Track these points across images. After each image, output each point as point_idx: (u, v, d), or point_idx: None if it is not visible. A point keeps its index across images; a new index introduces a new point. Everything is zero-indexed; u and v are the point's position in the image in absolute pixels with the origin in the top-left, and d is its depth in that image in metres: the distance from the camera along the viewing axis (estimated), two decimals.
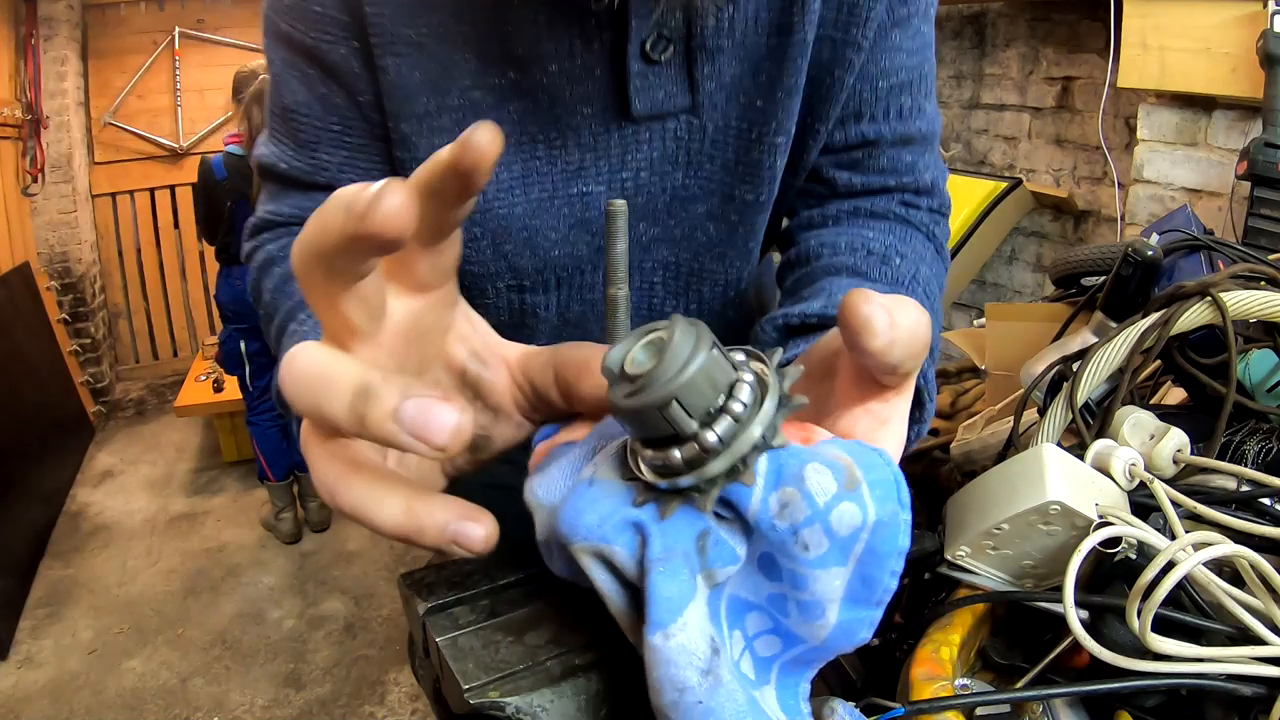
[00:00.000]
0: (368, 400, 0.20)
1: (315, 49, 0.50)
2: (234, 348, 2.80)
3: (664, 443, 0.21)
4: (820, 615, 0.23)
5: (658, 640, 0.22)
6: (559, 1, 0.46)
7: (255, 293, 0.55)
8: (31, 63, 3.42)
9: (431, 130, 0.51)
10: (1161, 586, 0.42)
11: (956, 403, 1.36)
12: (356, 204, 0.19)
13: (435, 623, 0.30)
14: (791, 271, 0.55)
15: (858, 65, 0.53)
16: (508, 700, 0.26)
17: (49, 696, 2.10)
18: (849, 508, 0.22)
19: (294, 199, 0.54)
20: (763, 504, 0.22)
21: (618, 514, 0.23)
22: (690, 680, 0.22)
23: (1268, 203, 1.29)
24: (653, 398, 0.20)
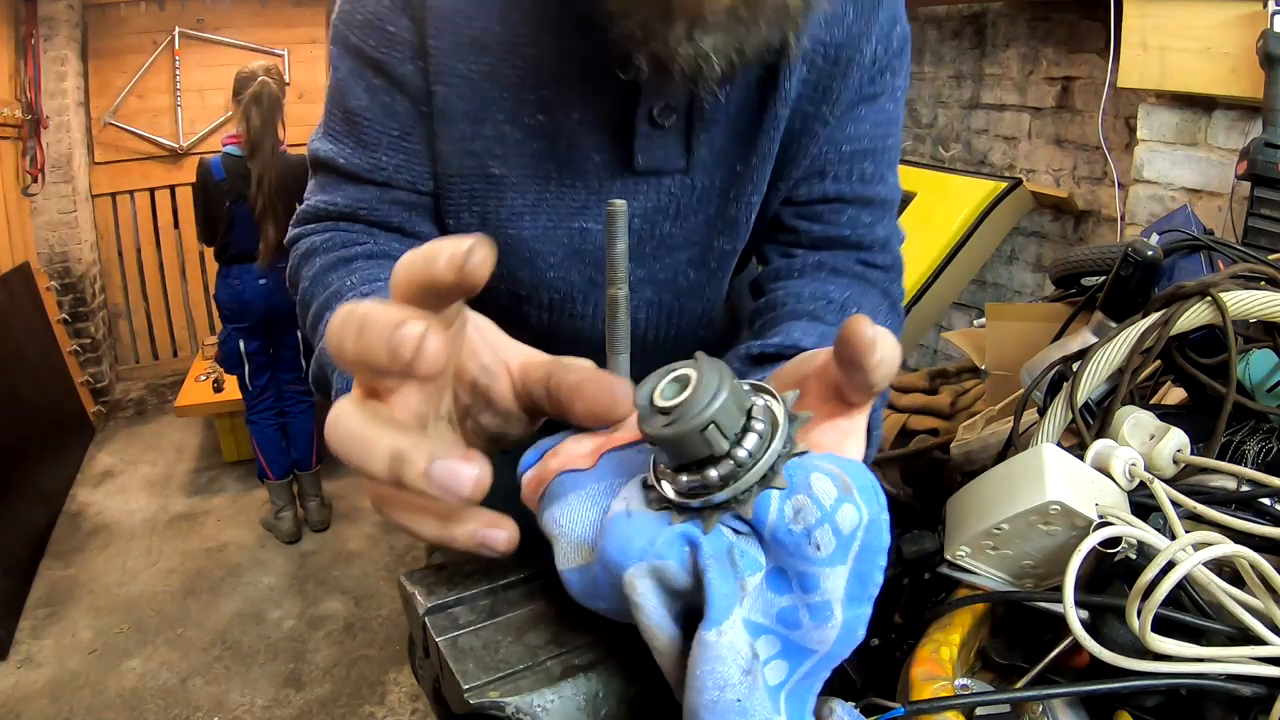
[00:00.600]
0: (402, 464, 0.25)
1: (385, 63, 0.56)
2: (233, 347, 2.80)
3: (699, 465, 0.24)
4: (830, 616, 0.25)
5: (711, 636, 0.24)
6: (591, 64, 0.53)
7: (293, 279, 0.61)
8: (31, 63, 3.42)
9: (465, 153, 0.59)
10: (1161, 586, 0.42)
11: (956, 403, 1.36)
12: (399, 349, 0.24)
13: (435, 623, 0.30)
14: (759, 317, 0.63)
15: (823, 136, 0.62)
16: (508, 700, 0.26)
17: (49, 696, 2.10)
18: (849, 509, 0.25)
19: (348, 190, 0.60)
20: (780, 512, 0.25)
21: (665, 533, 0.25)
22: (733, 678, 0.24)
23: (1268, 203, 1.29)
24: (693, 423, 0.23)
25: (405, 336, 0.24)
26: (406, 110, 0.58)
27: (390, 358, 0.24)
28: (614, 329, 0.34)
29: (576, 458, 0.30)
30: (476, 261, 0.25)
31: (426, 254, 0.26)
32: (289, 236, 0.64)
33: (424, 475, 0.24)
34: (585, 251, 0.63)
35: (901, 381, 1.49)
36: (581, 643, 0.29)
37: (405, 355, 0.24)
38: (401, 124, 0.58)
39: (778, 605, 0.26)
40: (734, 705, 0.24)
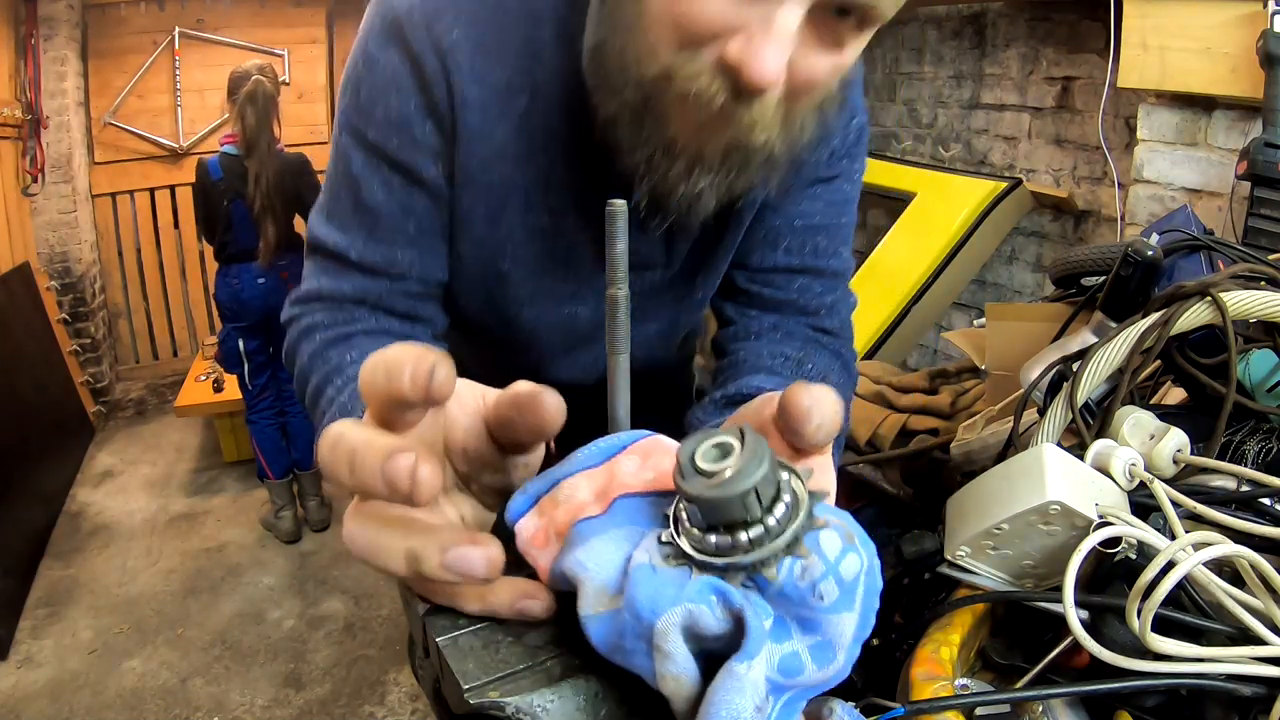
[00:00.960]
0: (419, 562, 0.27)
1: (408, 165, 0.59)
2: (232, 346, 2.80)
3: (730, 527, 0.26)
4: (832, 659, 0.27)
5: (742, 669, 0.25)
6: (593, 175, 0.59)
7: (290, 355, 0.64)
8: (31, 63, 3.42)
9: (479, 250, 0.64)
10: (1161, 586, 0.42)
11: (956, 403, 1.36)
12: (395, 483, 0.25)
13: (435, 623, 0.30)
14: (723, 373, 0.70)
15: (767, 223, 0.69)
16: (508, 700, 0.26)
17: (49, 696, 2.10)
18: (852, 558, 0.26)
19: (356, 280, 0.62)
20: (789, 572, 0.26)
21: (693, 583, 0.26)
22: (747, 712, 0.25)
23: (1268, 203, 1.29)
24: (739, 488, 0.25)
25: (398, 470, 0.25)
26: (425, 208, 0.61)
27: (389, 491, 0.25)
28: (614, 329, 0.34)
29: (584, 505, 0.31)
30: (441, 379, 0.26)
31: (389, 369, 0.27)
32: (287, 314, 0.65)
33: (441, 567, 0.26)
34: (573, 330, 0.72)
35: (901, 381, 1.49)
36: (582, 643, 0.29)
37: (402, 488, 0.25)
38: (419, 221, 0.61)
39: (779, 654, 0.27)
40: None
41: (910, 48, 2.67)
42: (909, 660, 0.52)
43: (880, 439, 1.36)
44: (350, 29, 4.43)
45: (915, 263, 2.34)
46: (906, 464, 1.26)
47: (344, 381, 0.56)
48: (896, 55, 2.72)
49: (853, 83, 0.63)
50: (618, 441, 0.32)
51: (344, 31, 4.42)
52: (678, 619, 0.26)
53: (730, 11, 0.46)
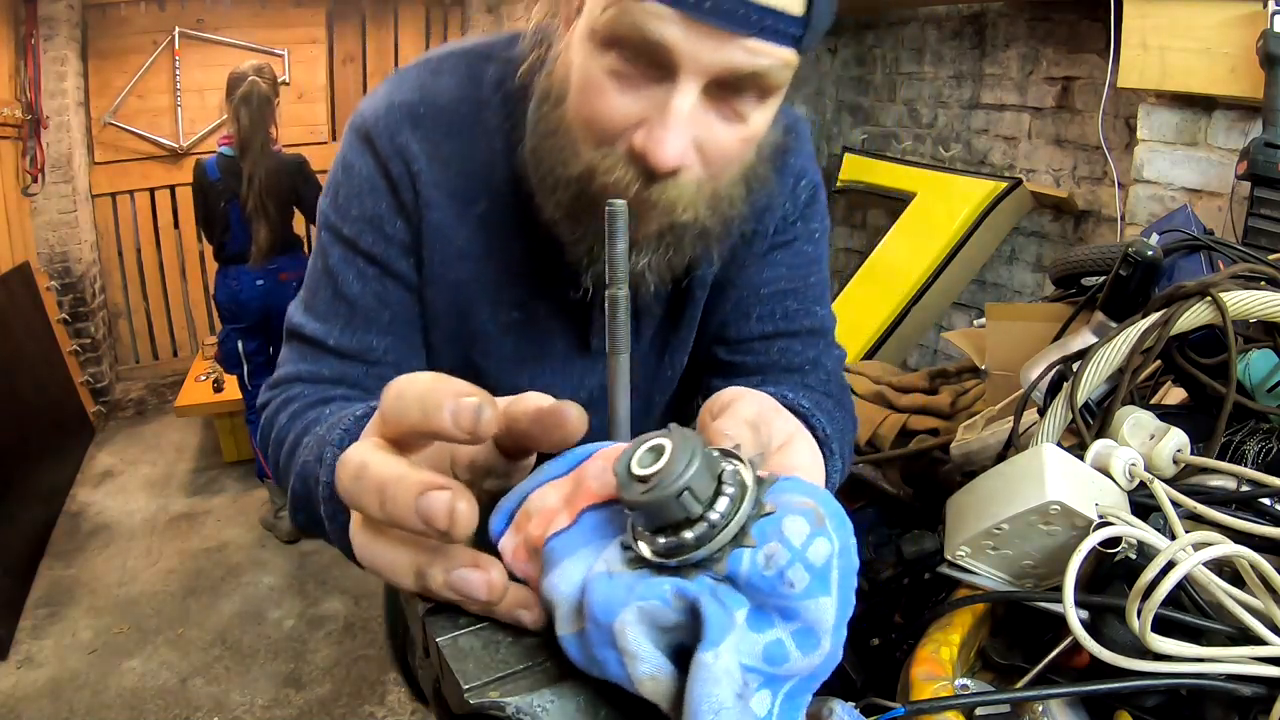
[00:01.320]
0: (425, 579, 0.28)
1: (382, 259, 0.63)
2: (232, 347, 2.80)
3: (675, 527, 0.26)
4: (817, 645, 0.26)
5: (709, 658, 0.25)
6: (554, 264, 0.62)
7: (267, 428, 0.62)
8: (31, 63, 3.42)
9: (451, 344, 0.67)
10: (1161, 586, 0.42)
11: (956, 403, 1.36)
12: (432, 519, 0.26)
13: (435, 623, 0.30)
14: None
15: (740, 284, 0.71)
16: (508, 700, 0.26)
17: (49, 696, 2.10)
18: (820, 542, 0.26)
19: (333, 364, 0.64)
20: (752, 563, 0.26)
21: (645, 582, 0.27)
22: (728, 701, 0.25)
23: (1268, 203, 1.29)
24: (669, 490, 0.25)
25: (436, 508, 0.26)
26: (399, 299, 0.64)
27: (425, 527, 0.26)
28: (614, 329, 0.34)
29: (552, 514, 0.31)
30: (487, 419, 0.27)
31: (424, 404, 0.27)
32: (264, 396, 0.65)
33: (445, 586, 0.28)
34: None
35: (901, 381, 1.49)
36: None
37: (439, 526, 0.26)
38: (393, 311, 0.64)
39: (761, 643, 0.27)
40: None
41: (910, 48, 2.66)
42: (909, 660, 0.52)
43: (880, 439, 1.36)
44: (350, 29, 4.43)
45: (915, 263, 2.34)
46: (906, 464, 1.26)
47: (325, 430, 0.53)
48: (896, 55, 2.72)
49: (795, 149, 0.69)
50: (584, 451, 0.32)
51: (344, 32, 4.42)
52: (633, 616, 0.26)
53: (632, 106, 0.51)
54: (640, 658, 0.26)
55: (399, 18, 4.54)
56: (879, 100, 2.81)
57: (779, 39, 0.49)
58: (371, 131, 0.62)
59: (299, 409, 0.60)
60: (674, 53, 0.48)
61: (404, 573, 0.29)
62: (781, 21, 0.48)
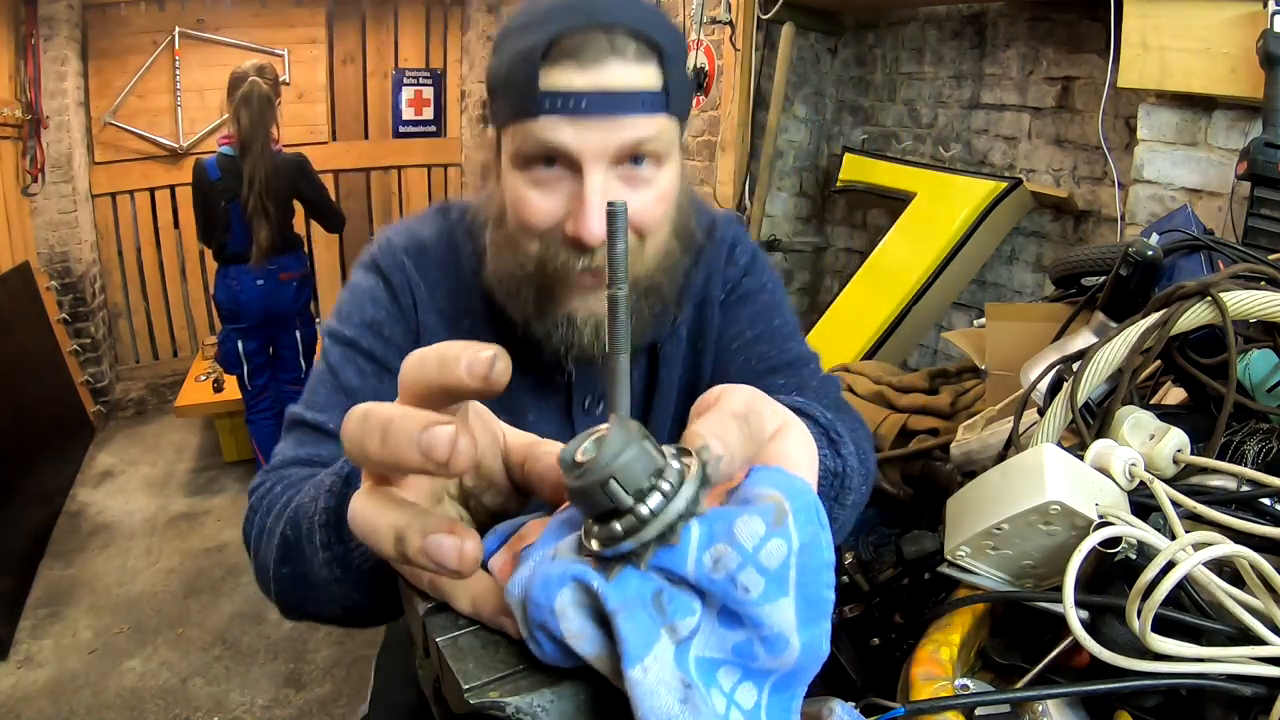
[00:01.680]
0: (403, 542, 0.27)
1: (380, 357, 0.70)
2: (231, 347, 2.80)
3: (608, 516, 0.26)
4: (785, 646, 0.26)
5: (637, 674, 0.25)
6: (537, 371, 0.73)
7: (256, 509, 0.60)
8: (31, 63, 3.42)
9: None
10: (1161, 586, 0.42)
11: (956, 403, 1.36)
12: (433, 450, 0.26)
13: (435, 623, 0.30)
14: None
15: (707, 363, 0.78)
16: (508, 700, 0.26)
17: (49, 696, 2.10)
18: (775, 544, 0.26)
19: (330, 447, 0.67)
20: (697, 564, 0.26)
21: (572, 568, 0.26)
22: (673, 709, 0.25)
23: (1268, 203, 1.29)
24: (595, 477, 0.25)
25: (437, 438, 0.26)
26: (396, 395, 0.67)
27: (423, 459, 0.26)
28: (614, 329, 0.34)
29: (539, 527, 0.31)
30: (499, 370, 0.27)
31: (440, 358, 0.28)
32: (256, 482, 0.65)
33: (420, 552, 0.27)
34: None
35: (901, 381, 1.49)
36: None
37: (440, 456, 0.26)
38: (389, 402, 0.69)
39: (732, 640, 0.26)
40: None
41: (910, 48, 2.66)
42: (909, 660, 0.52)
43: (880, 439, 1.36)
44: (350, 29, 4.43)
45: (915, 263, 2.34)
46: (906, 464, 1.26)
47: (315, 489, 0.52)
48: (896, 55, 2.72)
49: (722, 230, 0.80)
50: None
51: (344, 32, 4.42)
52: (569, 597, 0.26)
53: (556, 203, 0.63)
54: (584, 636, 0.26)
55: (399, 18, 4.54)
56: (879, 100, 2.81)
57: (649, 109, 0.60)
58: (377, 259, 0.74)
59: (294, 481, 0.61)
60: (572, 149, 0.60)
61: (385, 536, 0.28)
62: (646, 98, 0.60)
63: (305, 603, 0.52)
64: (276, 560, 0.53)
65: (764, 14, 2.61)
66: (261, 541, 0.57)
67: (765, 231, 2.85)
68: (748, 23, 2.67)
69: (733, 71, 2.75)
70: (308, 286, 2.95)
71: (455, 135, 4.83)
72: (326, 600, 0.48)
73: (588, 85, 0.59)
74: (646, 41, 0.60)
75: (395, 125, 4.65)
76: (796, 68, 2.77)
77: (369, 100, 4.56)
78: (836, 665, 0.82)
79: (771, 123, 2.60)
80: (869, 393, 1.48)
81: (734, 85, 2.75)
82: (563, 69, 0.59)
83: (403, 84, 4.61)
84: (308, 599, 0.51)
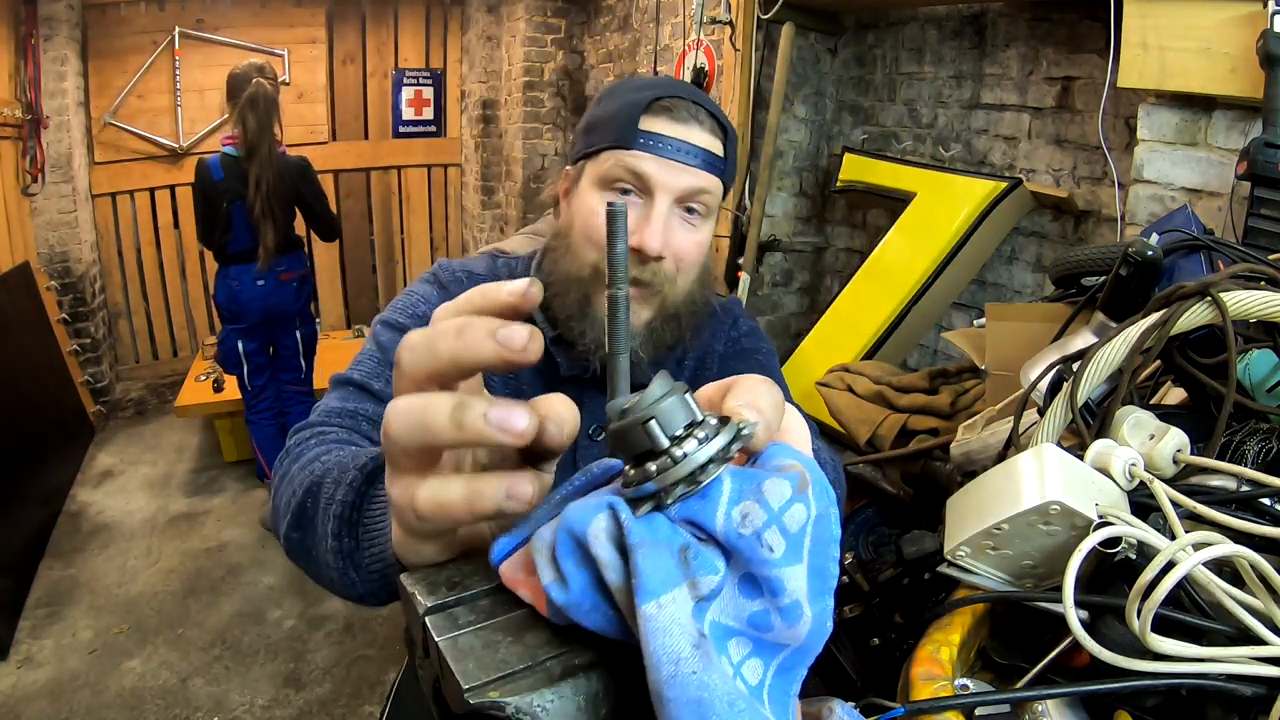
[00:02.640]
0: (464, 410, 0.28)
1: None
2: (231, 347, 2.80)
3: (643, 458, 0.27)
4: (799, 615, 0.27)
5: (650, 609, 0.25)
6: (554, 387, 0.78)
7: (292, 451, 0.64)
8: (31, 63, 3.42)
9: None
10: (1161, 586, 0.42)
11: (956, 403, 1.36)
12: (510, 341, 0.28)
13: (435, 623, 0.30)
14: None
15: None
16: (508, 700, 0.26)
17: (49, 696, 2.10)
18: (798, 508, 0.27)
19: (371, 406, 0.73)
20: (726, 518, 0.27)
21: (608, 497, 0.28)
22: (684, 651, 0.25)
23: (1268, 203, 1.29)
24: (636, 416, 0.27)
25: (515, 329, 0.28)
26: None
27: (499, 348, 0.28)
28: (614, 329, 0.34)
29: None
30: (535, 292, 0.31)
31: (480, 291, 0.31)
32: (301, 422, 0.70)
33: (484, 417, 0.28)
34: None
35: (901, 381, 1.49)
36: (581, 643, 0.29)
37: (518, 344, 0.28)
38: None
39: (749, 610, 0.27)
40: (691, 679, 0.24)
41: (910, 48, 2.66)
42: (909, 660, 0.52)
43: (880, 439, 1.36)
44: (350, 29, 4.43)
45: (915, 263, 2.33)
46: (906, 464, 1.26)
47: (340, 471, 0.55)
48: (896, 55, 2.71)
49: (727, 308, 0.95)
50: (589, 479, 0.33)
51: (344, 32, 4.42)
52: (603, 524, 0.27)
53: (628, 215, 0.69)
54: (613, 567, 0.26)
55: (399, 18, 4.54)
56: (879, 100, 2.81)
57: (711, 169, 0.78)
58: (436, 272, 0.87)
59: (329, 439, 0.66)
60: (652, 180, 0.76)
61: (441, 409, 0.28)
62: (713, 159, 0.78)
63: (308, 568, 0.56)
64: (290, 523, 0.56)
65: (764, 14, 2.60)
66: (282, 487, 0.61)
67: (765, 231, 2.85)
68: (748, 23, 2.67)
69: (733, 71, 2.75)
70: (308, 286, 2.94)
71: (455, 135, 4.83)
72: (326, 577, 0.52)
73: (674, 134, 0.77)
74: (718, 120, 0.79)
75: (395, 125, 4.66)
76: (796, 68, 2.77)
77: (369, 100, 4.56)
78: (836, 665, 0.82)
79: (771, 123, 2.60)
80: (869, 393, 1.48)
81: (734, 85, 2.75)
82: (658, 119, 0.77)
83: (403, 84, 4.61)
84: (310, 566, 0.55)
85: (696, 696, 0.24)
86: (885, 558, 0.99)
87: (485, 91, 4.54)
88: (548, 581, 0.28)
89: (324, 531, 0.50)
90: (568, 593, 0.27)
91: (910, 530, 0.72)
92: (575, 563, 0.27)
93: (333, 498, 0.51)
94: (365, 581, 0.49)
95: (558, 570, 0.27)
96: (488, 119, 4.57)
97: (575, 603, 0.27)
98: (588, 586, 0.27)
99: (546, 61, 4.20)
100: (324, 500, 0.52)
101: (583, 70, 4.25)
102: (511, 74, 4.35)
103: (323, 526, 0.51)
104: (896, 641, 0.79)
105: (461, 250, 5.02)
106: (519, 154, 4.31)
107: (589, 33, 4.17)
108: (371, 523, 0.49)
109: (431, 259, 4.92)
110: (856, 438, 1.42)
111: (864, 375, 1.55)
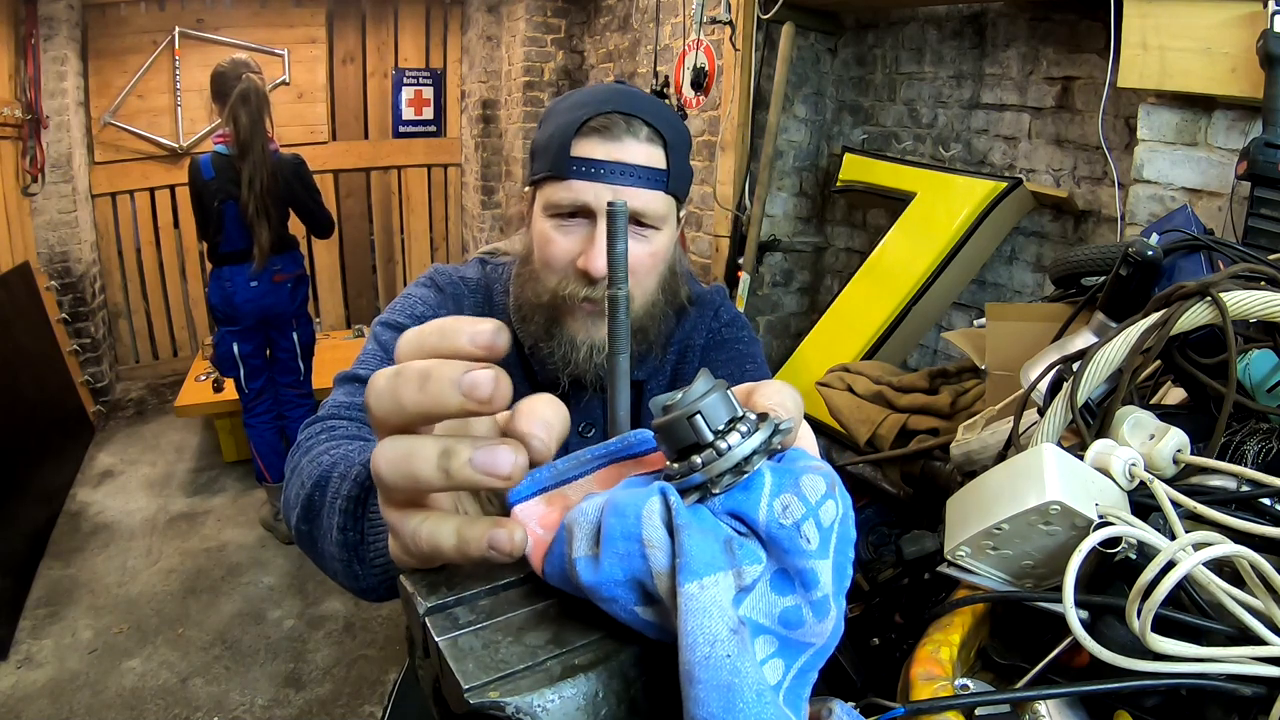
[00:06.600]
0: (450, 458, 0.28)
1: None
2: (226, 350, 2.74)
3: (688, 451, 0.28)
4: (828, 610, 0.27)
5: (693, 588, 0.25)
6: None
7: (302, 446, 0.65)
8: (31, 63, 3.42)
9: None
10: (1161, 586, 0.42)
11: (956, 403, 1.36)
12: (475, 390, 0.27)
13: (435, 623, 0.30)
14: None
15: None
16: (508, 700, 0.26)
17: (49, 696, 2.10)
18: (831, 504, 0.28)
19: None
20: (769, 508, 0.27)
21: (659, 484, 0.28)
22: (721, 634, 0.25)
23: (1268, 203, 1.29)
24: (683, 410, 0.28)
25: (480, 377, 0.27)
26: None
27: (464, 399, 0.27)
28: (614, 329, 0.34)
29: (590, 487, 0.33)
30: (503, 341, 0.29)
31: (441, 329, 0.29)
32: (305, 432, 0.69)
33: (469, 462, 0.28)
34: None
35: (901, 381, 1.49)
36: (581, 643, 0.29)
37: (483, 394, 0.27)
38: None
39: (781, 606, 0.27)
40: (726, 662, 0.25)
41: (910, 48, 2.66)
42: (909, 660, 0.52)
43: (880, 439, 1.36)
44: (350, 29, 4.43)
45: (915, 263, 2.34)
46: (906, 464, 1.26)
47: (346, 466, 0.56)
48: (896, 55, 2.71)
49: (708, 297, 0.95)
50: (624, 445, 0.33)
51: (344, 32, 4.42)
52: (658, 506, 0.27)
53: (573, 243, 0.78)
54: (662, 548, 0.27)
55: (399, 18, 4.55)
56: (879, 100, 2.81)
57: (651, 184, 0.77)
58: (433, 276, 0.90)
59: (338, 434, 0.66)
60: (590, 207, 0.77)
61: (427, 455, 0.28)
62: (652, 173, 0.77)
63: (316, 560, 0.57)
64: (299, 516, 0.58)
65: (764, 14, 2.60)
66: (292, 480, 0.62)
67: (765, 231, 2.85)
68: (748, 23, 2.67)
69: (733, 71, 2.74)
70: (304, 287, 2.87)
71: (455, 135, 4.83)
72: (333, 569, 0.53)
73: (606, 156, 0.76)
74: (656, 130, 0.77)
75: (395, 125, 4.66)
76: (796, 68, 2.77)
77: (369, 100, 4.56)
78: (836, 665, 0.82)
79: (771, 123, 2.60)
80: (869, 393, 1.48)
81: (734, 85, 2.75)
82: (589, 141, 0.76)
83: (402, 84, 4.61)
84: (319, 559, 0.56)
85: (728, 681, 0.24)
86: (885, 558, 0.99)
87: (485, 91, 4.54)
88: (578, 556, 0.28)
89: (330, 524, 0.51)
90: (596, 574, 0.27)
91: (910, 530, 0.72)
92: (617, 555, 0.27)
93: (339, 491, 0.52)
94: (370, 574, 0.51)
95: (596, 549, 0.28)
96: (488, 119, 4.57)
97: (599, 584, 0.27)
98: (620, 581, 0.27)
99: (546, 61, 4.20)
100: (330, 494, 0.53)
101: (583, 70, 4.25)
102: (511, 74, 4.35)
103: (329, 519, 0.52)
104: (896, 641, 0.79)
105: (461, 250, 5.02)
106: (519, 154, 4.31)
107: (589, 32, 4.17)
108: (376, 516, 0.50)
109: (431, 259, 4.93)
110: (856, 438, 1.42)
111: (864, 375, 1.55)
